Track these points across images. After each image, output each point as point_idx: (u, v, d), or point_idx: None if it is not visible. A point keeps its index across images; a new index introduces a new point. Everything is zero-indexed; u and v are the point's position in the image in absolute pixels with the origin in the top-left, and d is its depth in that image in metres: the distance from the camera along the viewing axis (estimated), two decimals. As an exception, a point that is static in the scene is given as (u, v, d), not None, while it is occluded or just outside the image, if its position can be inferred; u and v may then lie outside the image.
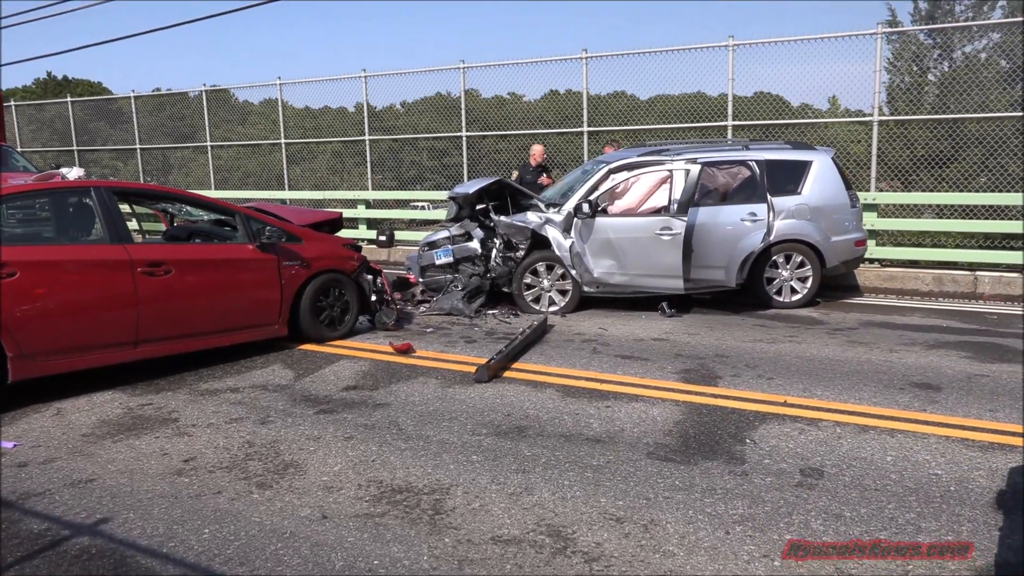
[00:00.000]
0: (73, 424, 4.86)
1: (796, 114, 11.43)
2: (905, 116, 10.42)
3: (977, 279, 8.98)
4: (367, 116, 13.97)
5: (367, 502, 3.67)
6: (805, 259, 8.13)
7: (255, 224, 6.39)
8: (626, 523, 3.42)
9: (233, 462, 4.19)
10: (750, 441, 4.39)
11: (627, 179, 8.12)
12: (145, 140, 17.15)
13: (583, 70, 11.80)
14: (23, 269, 5.04)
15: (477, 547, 3.23)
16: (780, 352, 6.39)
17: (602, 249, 7.97)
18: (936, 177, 10.17)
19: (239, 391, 5.51)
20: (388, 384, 5.65)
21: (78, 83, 35.18)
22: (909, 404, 4.99)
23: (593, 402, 5.15)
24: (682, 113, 11.77)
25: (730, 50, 10.65)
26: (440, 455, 4.25)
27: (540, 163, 10.98)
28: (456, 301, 8.14)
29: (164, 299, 5.69)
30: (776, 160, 8.18)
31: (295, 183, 15.37)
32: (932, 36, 10.79)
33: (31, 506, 3.68)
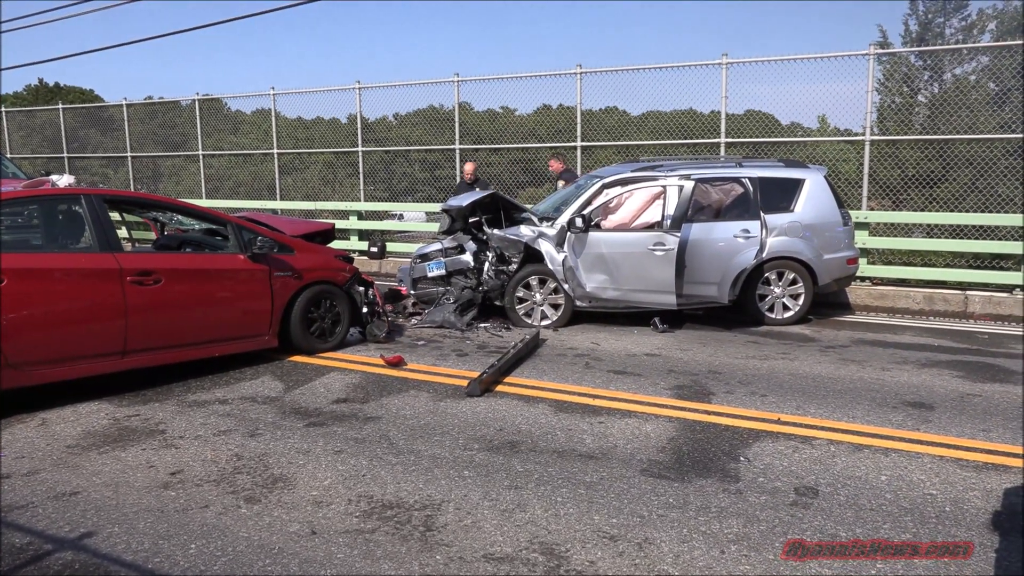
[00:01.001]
0: (58, 435, 4.78)
1: (786, 132, 11.50)
2: (897, 136, 10.49)
3: (968, 298, 9.01)
4: (360, 127, 13.95)
5: (357, 518, 3.62)
6: (797, 276, 8.14)
7: (246, 234, 6.33)
8: (620, 541, 3.38)
9: (221, 475, 4.13)
10: (744, 459, 4.36)
11: (621, 194, 8.12)
12: (136, 148, 17.05)
13: (577, 85, 11.83)
14: (11, 277, 4.96)
15: (469, 565, 3.18)
16: (773, 369, 6.37)
17: (595, 263, 7.96)
18: (926, 197, 10.24)
19: (228, 403, 5.44)
20: (379, 397, 5.59)
21: (69, 90, 35.06)
22: (903, 423, 4.98)
23: (586, 417, 5.11)
24: (673, 129, 11.81)
25: (724, 68, 10.71)
26: (431, 470, 4.19)
27: (472, 179, 11.19)
28: (448, 314, 8.10)
29: (153, 309, 5.62)
30: (769, 178, 8.21)
31: (287, 193, 15.31)
32: (923, 58, 10.90)
33: (13, 519, 3.60)
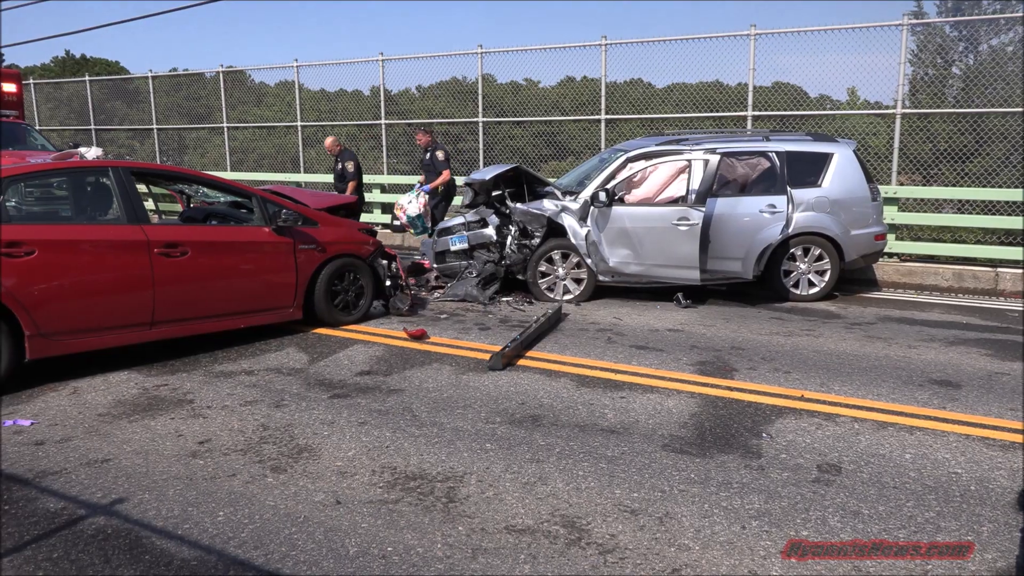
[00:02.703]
0: (89, 404, 4.88)
1: (815, 105, 11.28)
2: (929, 109, 10.25)
3: (998, 275, 8.86)
4: (383, 100, 13.91)
5: (381, 488, 3.67)
6: (824, 252, 8.04)
7: (271, 207, 6.37)
8: (641, 515, 3.40)
9: (248, 445, 4.20)
10: (767, 435, 4.35)
11: (645, 168, 8.05)
12: (161, 120, 17.16)
13: (602, 57, 11.68)
14: (41, 248, 5.05)
15: (491, 536, 3.22)
16: (797, 345, 6.33)
17: (618, 238, 7.91)
18: (958, 172, 10.02)
19: (254, 374, 5.52)
20: (402, 370, 5.64)
21: (96, 62, 35.24)
22: (928, 401, 4.94)
23: (608, 392, 5.12)
24: (699, 102, 11.63)
25: (752, 39, 10.51)
26: (454, 443, 4.23)
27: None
28: (470, 288, 8.12)
29: (180, 280, 5.70)
30: (797, 152, 8.07)
31: (310, 166, 15.35)
32: (958, 28, 10.60)
33: (48, 484, 3.69)
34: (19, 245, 4.95)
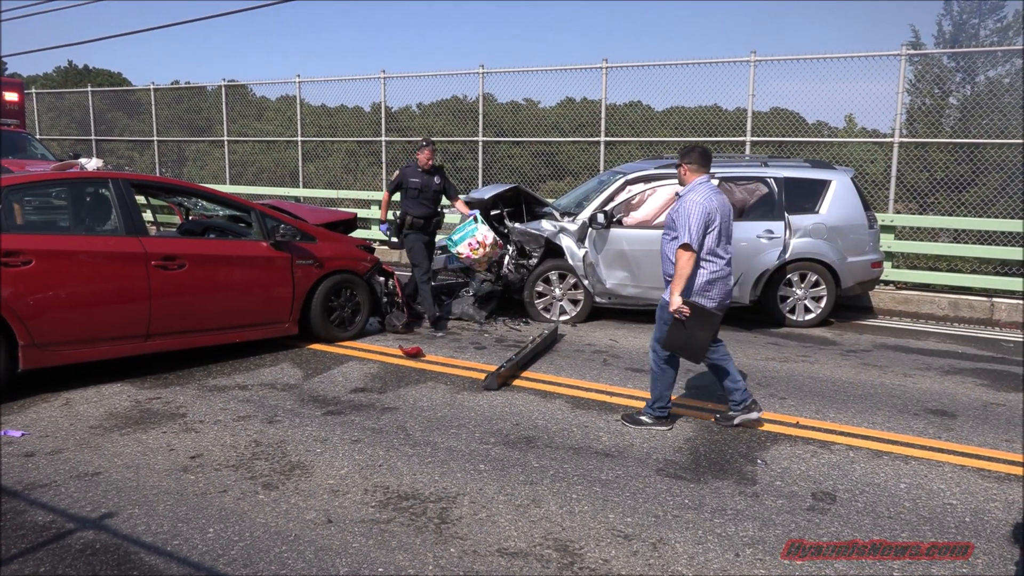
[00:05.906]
0: (81, 415, 4.85)
1: (812, 132, 11.37)
2: (926, 139, 10.33)
3: (994, 305, 8.88)
4: (384, 117, 13.97)
5: (373, 507, 3.64)
6: (820, 278, 8.06)
7: (270, 221, 6.37)
8: (634, 540, 3.38)
9: (240, 461, 4.17)
10: (761, 462, 4.33)
11: (643, 191, 8.08)
12: (162, 132, 17.20)
13: (603, 80, 11.77)
14: (38, 258, 5.03)
15: (483, 559, 3.19)
16: (792, 372, 6.33)
17: (616, 260, 7.92)
18: (954, 201, 10.09)
19: (247, 388, 5.49)
20: (397, 388, 5.62)
21: (98, 73, 35.37)
22: (924, 430, 4.93)
23: (603, 415, 5.10)
24: (697, 126, 11.72)
25: (752, 65, 10.61)
26: (447, 462, 4.21)
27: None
28: (467, 306, 8.11)
29: (177, 293, 5.68)
30: (795, 178, 8.12)
31: (309, 180, 15.39)
32: (956, 59, 10.71)
33: (37, 497, 3.66)
34: (17, 255, 4.94)
